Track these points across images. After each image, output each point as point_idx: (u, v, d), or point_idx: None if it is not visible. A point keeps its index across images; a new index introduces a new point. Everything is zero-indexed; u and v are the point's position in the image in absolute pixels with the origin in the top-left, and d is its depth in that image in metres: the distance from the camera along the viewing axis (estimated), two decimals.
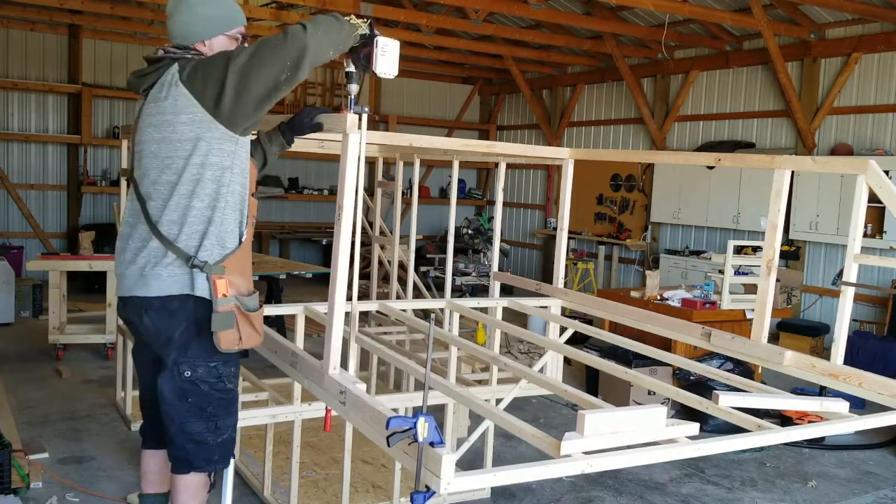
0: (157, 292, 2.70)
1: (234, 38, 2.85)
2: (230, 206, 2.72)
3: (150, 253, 2.70)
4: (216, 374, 2.77)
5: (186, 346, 2.71)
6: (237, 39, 2.86)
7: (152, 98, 2.70)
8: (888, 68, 8.78)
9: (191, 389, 2.75)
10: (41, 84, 11.27)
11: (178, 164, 2.64)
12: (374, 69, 2.74)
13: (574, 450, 2.08)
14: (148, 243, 2.71)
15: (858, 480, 5.31)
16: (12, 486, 4.16)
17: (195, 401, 2.77)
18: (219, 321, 2.64)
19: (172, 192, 2.66)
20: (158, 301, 2.70)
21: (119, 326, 5.88)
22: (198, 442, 2.79)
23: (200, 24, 2.77)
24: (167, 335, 2.72)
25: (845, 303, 3.01)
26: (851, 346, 6.56)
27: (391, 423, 2.06)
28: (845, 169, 3.32)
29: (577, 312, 6.90)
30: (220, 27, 2.81)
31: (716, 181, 10.22)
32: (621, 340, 3.62)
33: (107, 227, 10.21)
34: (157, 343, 2.79)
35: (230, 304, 2.66)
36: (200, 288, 2.68)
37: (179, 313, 2.70)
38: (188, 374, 2.73)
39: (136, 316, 2.78)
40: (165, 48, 2.78)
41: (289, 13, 10.07)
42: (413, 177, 5.91)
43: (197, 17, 2.76)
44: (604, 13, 10.36)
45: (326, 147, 5.54)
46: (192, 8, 2.77)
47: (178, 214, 2.67)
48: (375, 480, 4.72)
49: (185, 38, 2.77)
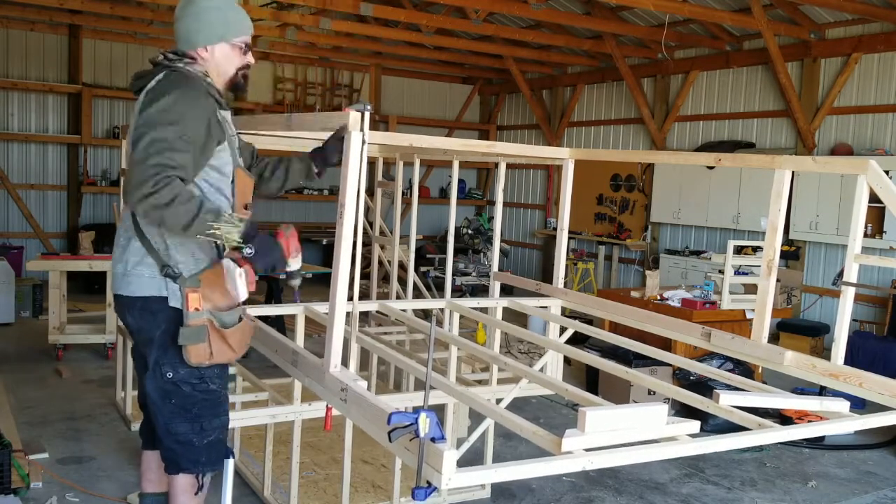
0: (139, 292, 2.69)
1: (238, 48, 2.80)
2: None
3: (133, 252, 2.70)
4: (198, 374, 2.74)
5: (167, 347, 2.69)
6: (241, 49, 2.80)
7: (139, 102, 2.68)
8: (888, 68, 8.78)
9: (173, 390, 2.73)
10: (41, 84, 11.27)
11: None
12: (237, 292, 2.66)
13: (575, 447, 2.07)
14: (131, 242, 2.70)
15: (858, 480, 5.31)
16: (12, 486, 4.16)
17: (178, 402, 2.74)
18: (187, 335, 2.59)
19: None
20: (140, 301, 2.69)
21: (119, 326, 5.89)
22: (183, 443, 2.77)
23: (203, 30, 2.73)
24: (148, 335, 2.71)
25: (845, 303, 3.01)
26: (851, 346, 6.56)
27: (392, 419, 2.06)
28: (845, 169, 3.32)
29: (577, 312, 6.90)
30: (223, 34, 2.76)
31: (716, 181, 10.22)
32: (621, 340, 3.62)
33: (107, 227, 10.20)
34: (140, 342, 2.79)
35: (202, 318, 2.60)
36: (174, 297, 2.66)
37: (160, 314, 2.68)
38: (170, 375, 2.71)
39: (122, 314, 2.80)
40: (165, 53, 2.75)
41: (289, 13, 10.07)
42: (413, 177, 5.91)
43: (200, 23, 2.73)
44: (604, 13, 10.37)
45: None
46: (197, 13, 2.73)
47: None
48: (375, 480, 4.72)
49: (187, 43, 2.74)
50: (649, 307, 5.94)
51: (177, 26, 2.75)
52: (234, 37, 2.77)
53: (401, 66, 13.77)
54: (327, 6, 8.90)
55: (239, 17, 2.80)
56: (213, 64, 2.76)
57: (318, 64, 13.21)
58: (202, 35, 2.73)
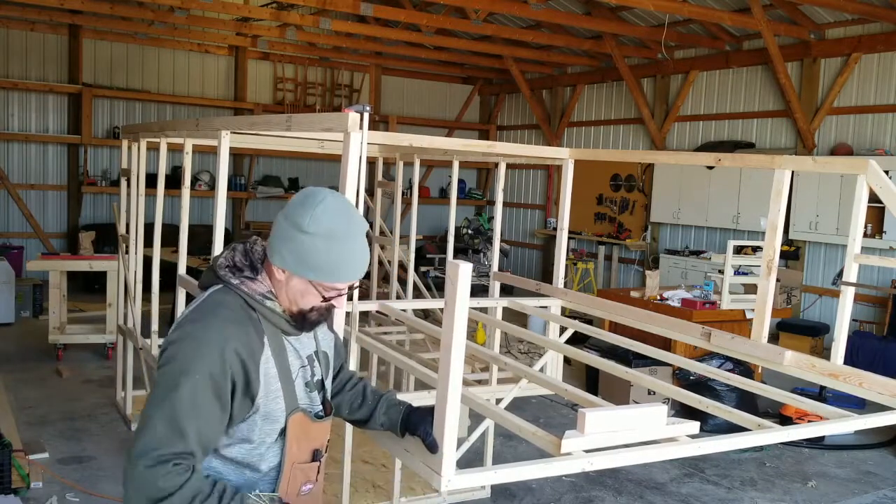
0: None
1: (327, 292, 1.95)
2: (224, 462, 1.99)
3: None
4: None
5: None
6: (330, 292, 1.95)
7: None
8: (888, 68, 8.78)
9: None
10: (41, 84, 11.27)
11: None
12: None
13: (575, 448, 2.07)
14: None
15: (858, 480, 5.31)
16: (12, 485, 4.16)
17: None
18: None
19: None
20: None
21: (119, 326, 5.88)
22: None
23: (290, 257, 1.89)
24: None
25: (845, 303, 3.01)
26: (851, 346, 6.57)
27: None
28: (845, 169, 3.32)
29: (577, 312, 6.90)
30: (313, 276, 1.90)
31: (716, 181, 10.22)
32: (621, 340, 3.62)
33: (107, 227, 10.21)
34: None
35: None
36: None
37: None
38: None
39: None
40: (222, 263, 2.00)
41: (289, 13, 10.08)
42: (413, 177, 5.91)
43: (293, 246, 1.88)
44: (604, 13, 10.37)
45: (326, 147, 5.55)
46: (294, 236, 1.87)
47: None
48: (375, 480, 4.72)
49: (270, 246, 1.94)
50: (649, 307, 5.94)
51: (278, 217, 1.93)
52: (326, 281, 1.92)
53: (401, 67, 13.77)
54: (327, 6, 8.90)
55: (349, 264, 1.92)
56: (284, 289, 1.96)
57: (318, 64, 13.21)
58: (288, 261, 1.90)
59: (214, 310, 1.91)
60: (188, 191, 4.54)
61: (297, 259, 1.89)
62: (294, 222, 1.87)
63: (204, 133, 4.25)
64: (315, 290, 1.94)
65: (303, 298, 1.96)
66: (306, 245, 1.87)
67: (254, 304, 1.95)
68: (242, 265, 1.99)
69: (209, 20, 10.64)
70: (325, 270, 1.90)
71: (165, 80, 12.19)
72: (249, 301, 1.94)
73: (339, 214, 1.88)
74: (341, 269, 1.92)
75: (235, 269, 1.98)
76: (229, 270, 1.98)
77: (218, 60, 12.52)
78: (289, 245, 1.88)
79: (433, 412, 2.02)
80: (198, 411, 1.80)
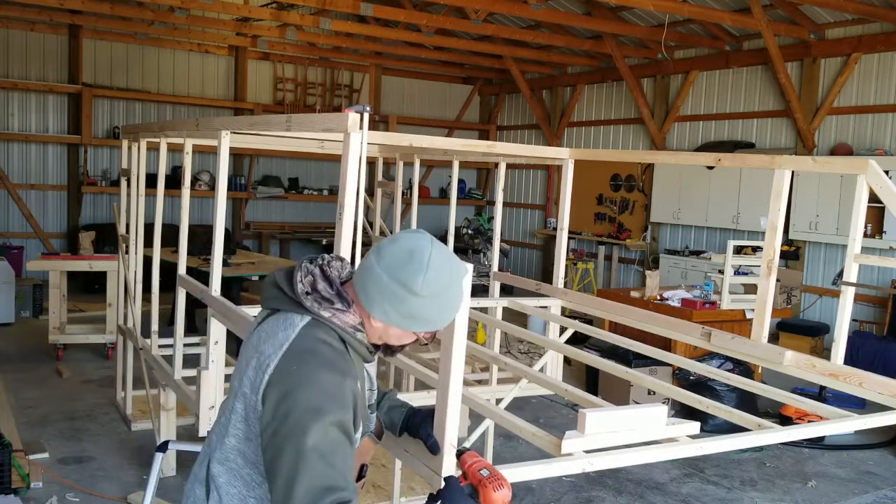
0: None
1: (415, 335, 1.92)
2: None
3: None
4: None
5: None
6: (421, 336, 1.92)
7: (263, 329, 1.94)
8: (888, 68, 8.78)
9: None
10: (41, 84, 11.27)
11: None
12: None
13: (575, 448, 2.08)
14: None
15: (858, 480, 5.31)
16: (12, 485, 4.16)
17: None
18: None
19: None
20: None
21: (119, 326, 5.88)
22: None
23: (392, 314, 1.83)
24: None
25: (845, 303, 3.01)
26: (851, 346, 6.56)
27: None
28: (845, 169, 3.32)
29: (577, 312, 6.90)
30: (412, 326, 1.86)
31: (716, 181, 10.22)
32: (621, 340, 3.62)
33: (107, 227, 10.20)
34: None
35: None
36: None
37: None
38: None
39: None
40: (301, 290, 1.88)
41: (289, 13, 10.08)
42: (413, 177, 5.91)
43: (393, 304, 1.81)
44: (604, 13, 10.37)
45: (326, 147, 5.55)
46: (395, 292, 1.80)
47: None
48: (375, 480, 4.72)
49: (364, 294, 1.85)
50: (649, 307, 5.94)
51: (374, 268, 1.83)
52: (431, 330, 1.91)
53: (401, 67, 13.77)
54: (327, 6, 8.90)
55: (454, 312, 1.90)
56: (378, 332, 1.91)
57: (318, 64, 13.21)
58: (393, 318, 1.84)
59: (316, 348, 1.84)
60: (188, 191, 4.54)
61: (405, 317, 1.83)
62: (403, 284, 1.79)
63: (204, 133, 4.25)
64: (414, 334, 1.91)
65: (399, 340, 1.94)
66: (417, 305, 1.81)
67: (345, 336, 1.88)
68: (329, 295, 1.89)
69: (209, 20, 10.65)
70: (433, 323, 1.87)
71: (165, 80, 12.19)
72: (342, 334, 1.88)
73: (447, 271, 1.83)
74: (446, 319, 1.89)
75: (322, 300, 1.88)
76: (315, 301, 1.88)
77: (218, 60, 12.52)
78: (397, 306, 1.81)
79: (434, 414, 2.04)
80: (343, 451, 1.76)
